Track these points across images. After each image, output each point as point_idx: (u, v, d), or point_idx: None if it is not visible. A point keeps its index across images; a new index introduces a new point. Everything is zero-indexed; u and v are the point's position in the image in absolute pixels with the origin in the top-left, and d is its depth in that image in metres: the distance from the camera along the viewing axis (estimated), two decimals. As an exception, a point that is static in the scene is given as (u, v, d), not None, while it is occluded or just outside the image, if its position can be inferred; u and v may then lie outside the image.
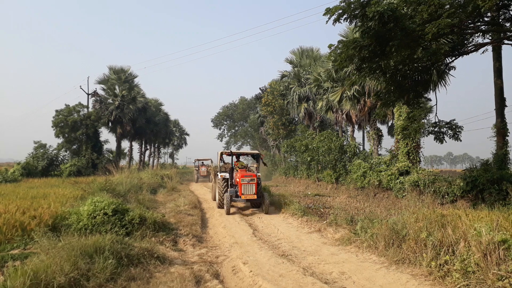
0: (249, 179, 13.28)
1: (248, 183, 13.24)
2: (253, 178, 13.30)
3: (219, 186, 14.41)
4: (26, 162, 28.79)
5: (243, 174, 13.62)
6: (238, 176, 13.68)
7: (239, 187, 13.40)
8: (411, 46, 9.31)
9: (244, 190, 13.21)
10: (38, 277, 4.73)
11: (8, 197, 11.76)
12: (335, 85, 25.23)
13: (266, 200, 13.37)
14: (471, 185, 11.60)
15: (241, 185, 13.24)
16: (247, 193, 13.21)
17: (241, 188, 13.25)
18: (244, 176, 13.37)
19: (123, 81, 37.48)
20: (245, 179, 13.26)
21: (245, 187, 13.23)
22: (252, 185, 13.23)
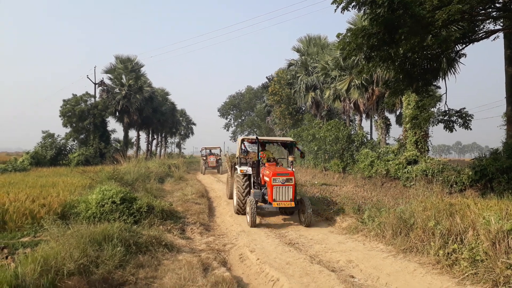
0: (284, 178, 9.50)
1: (283, 185, 9.46)
2: (290, 178, 9.53)
3: (239, 185, 10.86)
4: (35, 152, 29.04)
5: (275, 171, 9.80)
6: (268, 174, 9.86)
7: (269, 190, 9.66)
8: (420, 33, 9.14)
9: (277, 194, 9.49)
10: (48, 264, 4.79)
11: (18, 185, 11.89)
12: (343, 74, 25.00)
13: (307, 208, 9.44)
14: (480, 174, 11.49)
15: (273, 186, 9.46)
16: (281, 198, 9.48)
17: (272, 191, 9.49)
18: (277, 174, 9.58)
19: (129, 71, 37.47)
20: (279, 179, 9.52)
21: (279, 190, 9.50)
22: (288, 188, 9.46)
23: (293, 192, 9.54)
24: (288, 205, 9.48)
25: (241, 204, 10.82)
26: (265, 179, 10.17)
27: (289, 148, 12.11)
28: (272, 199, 9.50)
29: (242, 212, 10.84)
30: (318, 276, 5.62)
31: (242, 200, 10.76)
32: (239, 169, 11.37)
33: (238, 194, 10.87)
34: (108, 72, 37.58)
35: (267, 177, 9.98)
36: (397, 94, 11.91)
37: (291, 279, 5.44)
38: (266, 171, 10.17)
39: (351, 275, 5.75)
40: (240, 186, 10.88)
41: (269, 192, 9.70)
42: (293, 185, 9.56)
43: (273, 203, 9.45)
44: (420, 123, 12.21)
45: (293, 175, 9.64)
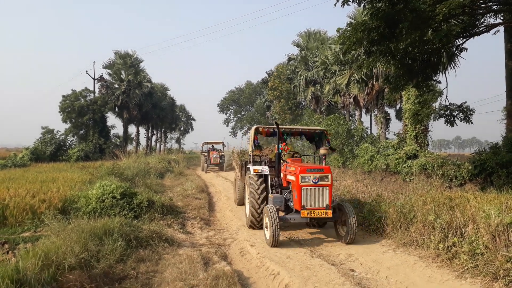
0: (316, 176, 6.97)
1: (315, 185, 6.93)
2: (326, 175, 7.02)
3: (253, 189, 8.25)
4: (35, 147, 29.02)
5: (304, 166, 7.31)
6: (294, 171, 7.31)
7: (295, 193, 7.15)
8: (421, 27, 9.11)
9: (307, 198, 6.91)
10: (49, 258, 4.81)
11: (18, 181, 11.89)
12: (343, 68, 24.95)
13: (351, 218, 6.90)
14: (479, 168, 11.50)
15: (301, 188, 6.91)
16: (313, 204, 6.91)
17: (300, 194, 6.93)
18: (306, 170, 7.04)
19: (128, 66, 37.38)
20: (309, 177, 6.96)
21: (309, 193, 6.92)
22: (323, 190, 6.94)
23: (330, 196, 6.89)
24: (323, 215, 6.80)
25: (256, 214, 8.14)
26: (289, 178, 7.53)
27: (317, 140, 9.58)
28: (300, 206, 6.86)
29: (257, 225, 8.21)
30: (318, 269, 5.64)
31: (257, 209, 8.11)
32: (253, 168, 8.58)
33: (252, 201, 8.15)
34: (107, 68, 37.49)
35: (291, 175, 7.37)
36: (398, 90, 11.90)
37: (291, 273, 5.46)
38: (291, 168, 7.57)
39: (351, 269, 5.77)
40: (254, 191, 8.19)
41: (295, 196, 7.12)
42: (330, 186, 6.93)
43: (302, 211, 6.81)
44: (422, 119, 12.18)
45: (329, 171, 7.02)
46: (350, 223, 6.89)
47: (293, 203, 7.34)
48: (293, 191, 7.33)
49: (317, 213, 6.85)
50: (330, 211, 6.89)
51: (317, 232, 8.38)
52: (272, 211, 6.91)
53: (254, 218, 8.27)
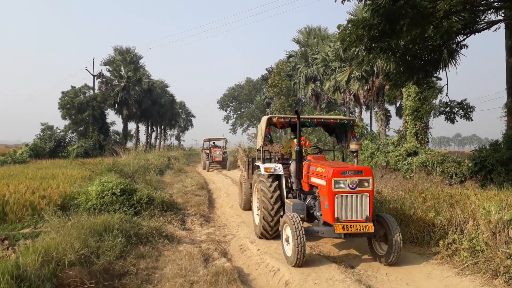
0: (355, 180, 5.56)
1: (353, 192, 5.54)
2: (366, 179, 5.59)
3: (266, 193, 6.96)
4: (34, 144, 29.02)
5: (337, 167, 5.78)
6: (323, 173, 5.86)
7: (325, 201, 5.72)
8: (422, 24, 9.09)
9: (342, 208, 5.55)
10: (49, 254, 4.81)
11: (18, 177, 11.89)
12: (343, 65, 24.90)
13: (396, 234, 5.50)
14: (479, 165, 11.50)
15: (334, 195, 5.52)
16: (349, 216, 5.56)
17: (333, 203, 5.54)
18: (341, 172, 5.58)
19: (128, 62, 37.32)
20: (345, 181, 5.55)
21: (345, 202, 5.55)
22: (362, 198, 5.55)
23: (371, 205, 5.53)
24: (363, 230, 5.41)
25: (269, 223, 6.87)
26: (315, 181, 6.18)
27: (339, 132, 7.98)
28: (333, 219, 5.47)
29: (269, 235, 7.04)
30: (318, 265, 5.65)
31: (271, 217, 6.85)
32: (263, 166, 7.23)
33: (265, 206, 6.88)
34: (107, 64, 37.44)
35: (319, 177, 5.97)
36: (398, 86, 11.88)
37: (291, 269, 5.46)
38: (317, 168, 6.13)
39: (351, 266, 5.78)
40: (266, 195, 6.92)
41: (324, 205, 5.75)
42: (371, 192, 5.53)
43: (336, 225, 5.40)
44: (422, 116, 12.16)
45: (370, 174, 5.58)
46: (394, 240, 5.44)
47: (321, 213, 5.97)
48: (320, 198, 5.93)
49: (355, 227, 5.41)
50: (371, 224, 5.47)
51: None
52: (296, 221, 5.56)
53: (265, 228, 6.95)
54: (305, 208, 6.47)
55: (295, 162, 7.00)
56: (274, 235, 7.12)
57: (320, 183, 5.93)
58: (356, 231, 5.46)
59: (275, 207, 6.93)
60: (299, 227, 5.49)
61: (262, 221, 7.02)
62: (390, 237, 5.53)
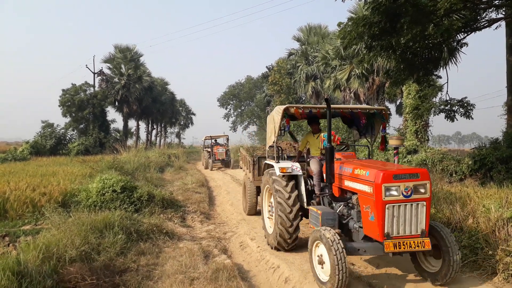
0: (409, 186, 4.36)
1: (407, 201, 4.38)
2: (423, 183, 4.41)
3: (282, 193, 5.93)
4: (35, 141, 29.07)
5: (388, 170, 4.45)
6: (367, 177, 4.62)
7: (370, 212, 4.56)
8: (422, 22, 9.08)
9: (395, 223, 4.40)
10: (50, 251, 4.83)
11: (18, 174, 11.91)
12: (343, 63, 24.88)
13: (454, 253, 4.43)
14: (479, 163, 11.50)
15: (384, 206, 4.34)
16: (402, 231, 4.43)
17: (383, 216, 4.36)
18: (393, 176, 4.36)
19: (128, 60, 37.28)
20: (397, 188, 4.35)
21: (398, 215, 4.39)
22: (417, 207, 4.41)
23: (428, 216, 4.44)
24: (419, 247, 4.38)
25: (287, 228, 5.86)
26: (351, 186, 5.04)
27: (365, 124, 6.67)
28: (383, 233, 4.37)
29: (287, 244, 6.05)
30: (318, 263, 5.65)
31: (289, 222, 5.84)
32: (278, 166, 6.10)
33: (282, 209, 5.84)
34: (107, 62, 37.40)
35: (360, 182, 4.78)
36: (398, 84, 11.88)
37: (291, 266, 5.48)
38: (357, 170, 4.92)
39: (351, 263, 5.79)
40: (283, 195, 5.89)
41: (367, 216, 4.60)
42: (428, 200, 4.44)
43: (386, 242, 4.34)
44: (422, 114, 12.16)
45: (427, 177, 4.43)
46: (451, 257, 4.38)
47: (360, 225, 4.88)
48: (361, 207, 4.76)
49: (409, 245, 4.35)
50: (428, 240, 4.39)
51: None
52: (335, 241, 4.34)
53: (283, 236, 5.93)
54: (337, 219, 5.22)
55: (315, 160, 6.28)
56: (293, 245, 6.11)
57: (362, 189, 4.72)
58: (410, 249, 4.40)
59: (294, 209, 5.86)
60: (340, 249, 4.27)
61: (278, 228, 5.92)
62: (446, 253, 4.45)
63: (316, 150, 6.67)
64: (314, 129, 6.86)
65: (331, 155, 5.27)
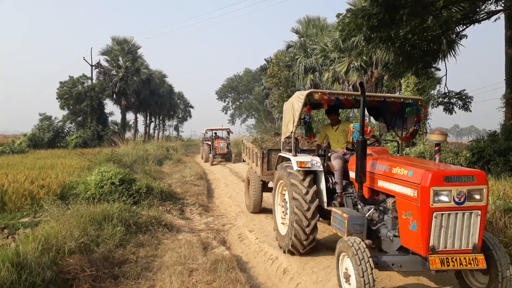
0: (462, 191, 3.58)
1: (459, 208, 3.60)
2: (479, 189, 3.61)
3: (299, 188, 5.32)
4: (32, 134, 29.00)
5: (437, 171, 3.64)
6: (408, 179, 3.85)
7: (411, 220, 3.76)
8: (421, 14, 9.06)
9: (443, 234, 3.61)
10: (49, 243, 4.84)
11: (16, 167, 11.89)
12: (342, 56, 24.81)
13: (503, 266, 3.71)
14: (477, 156, 11.54)
15: (432, 213, 3.56)
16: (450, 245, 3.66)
17: (428, 226, 3.59)
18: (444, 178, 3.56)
19: (126, 52, 37.09)
20: (448, 192, 3.56)
21: (448, 225, 3.61)
22: (471, 217, 3.63)
23: (482, 228, 3.73)
24: (471, 264, 3.66)
25: (304, 227, 5.22)
26: (388, 188, 4.27)
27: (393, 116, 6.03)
28: (427, 247, 3.67)
29: (303, 247, 5.38)
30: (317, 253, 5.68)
31: (307, 221, 5.21)
32: (296, 160, 5.49)
33: (298, 206, 5.21)
34: (105, 54, 37.21)
35: (399, 183, 4.04)
36: (397, 77, 11.89)
37: (289, 257, 5.50)
38: (395, 169, 4.17)
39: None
40: (300, 190, 5.26)
41: (408, 224, 3.86)
42: (484, 209, 3.71)
43: (431, 258, 3.64)
44: (420, 106, 12.17)
45: (484, 181, 3.68)
46: (499, 272, 3.71)
47: (396, 234, 4.13)
48: (399, 213, 4.01)
49: (459, 262, 3.62)
50: (482, 257, 3.66)
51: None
52: (362, 255, 3.69)
53: (299, 237, 5.27)
54: (366, 225, 4.43)
55: (337, 155, 5.66)
56: (310, 248, 5.48)
57: (402, 192, 3.94)
58: (461, 267, 3.65)
59: (311, 206, 5.20)
60: (369, 270, 3.57)
61: (293, 227, 5.25)
62: (494, 267, 3.74)
63: (336, 144, 6.04)
64: (333, 120, 6.20)
65: (363, 149, 4.39)
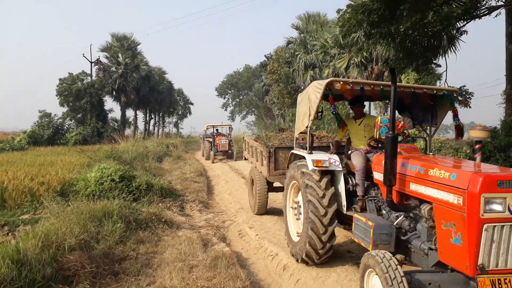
0: None
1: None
2: None
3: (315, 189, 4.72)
4: (32, 131, 29.00)
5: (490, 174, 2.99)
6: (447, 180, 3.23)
7: (455, 233, 3.09)
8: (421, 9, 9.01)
9: (495, 250, 2.93)
10: (49, 239, 4.83)
11: (16, 164, 11.89)
12: (342, 52, 24.74)
13: None
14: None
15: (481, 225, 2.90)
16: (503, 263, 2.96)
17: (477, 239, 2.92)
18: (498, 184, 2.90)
19: (126, 49, 37.00)
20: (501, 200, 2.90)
21: (500, 239, 2.93)
22: None
23: None
24: None
25: (320, 234, 4.63)
26: (423, 192, 3.60)
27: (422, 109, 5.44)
28: (475, 265, 2.96)
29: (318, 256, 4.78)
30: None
31: (323, 227, 4.62)
32: (312, 158, 4.89)
33: (314, 210, 4.64)
34: (104, 51, 37.14)
35: (438, 187, 3.34)
36: (397, 73, 11.84)
37: (289, 254, 5.50)
38: (432, 170, 3.50)
39: (348, 250, 5.83)
40: (316, 193, 4.68)
41: (450, 236, 3.17)
42: None
43: (480, 278, 2.92)
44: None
45: None
46: None
47: (434, 246, 3.48)
48: (439, 223, 3.33)
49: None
50: None
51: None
52: (392, 268, 3.12)
53: (314, 245, 4.66)
54: (394, 234, 3.85)
55: (359, 153, 5.04)
56: (326, 258, 4.87)
57: (442, 198, 3.27)
58: None
59: (329, 211, 4.61)
60: (402, 286, 3.00)
61: (308, 234, 4.66)
62: None
63: (359, 140, 5.36)
64: (357, 112, 5.59)
65: (393, 147, 3.68)
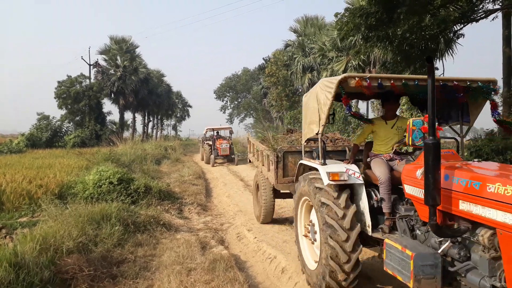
0: None
1: None
2: None
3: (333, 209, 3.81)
4: (30, 133, 28.98)
5: None
6: None
7: None
8: (419, 12, 9.08)
9: None
10: (47, 242, 4.82)
11: (14, 167, 11.88)
12: (340, 55, 24.85)
13: None
14: (475, 154, 11.53)
15: None
16: None
17: None
18: None
19: (124, 52, 37.01)
20: None
21: None
22: None
23: None
24: None
25: (342, 264, 3.69)
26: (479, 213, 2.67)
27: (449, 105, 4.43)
28: None
29: None
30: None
31: (346, 255, 3.67)
32: (326, 171, 4.01)
33: (333, 235, 3.73)
34: (103, 53, 37.14)
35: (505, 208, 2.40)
36: (395, 75, 11.91)
37: (288, 257, 5.52)
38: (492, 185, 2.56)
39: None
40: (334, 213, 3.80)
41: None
42: None
43: None
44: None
45: None
46: None
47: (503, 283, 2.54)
48: (507, 255, 2.46)
49: None
50: None
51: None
52: None
53: (335, 277, 3.76)
54: (441, 266, 2.97)
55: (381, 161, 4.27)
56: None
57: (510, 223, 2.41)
58: None
59: (352, 235, 3.72)
60: None
61: (327, 263, 3.78)
62: None
63: (385, 145, 4.49)
64: (390, 111, 4.57)
65: (436, 156, 2.86)
